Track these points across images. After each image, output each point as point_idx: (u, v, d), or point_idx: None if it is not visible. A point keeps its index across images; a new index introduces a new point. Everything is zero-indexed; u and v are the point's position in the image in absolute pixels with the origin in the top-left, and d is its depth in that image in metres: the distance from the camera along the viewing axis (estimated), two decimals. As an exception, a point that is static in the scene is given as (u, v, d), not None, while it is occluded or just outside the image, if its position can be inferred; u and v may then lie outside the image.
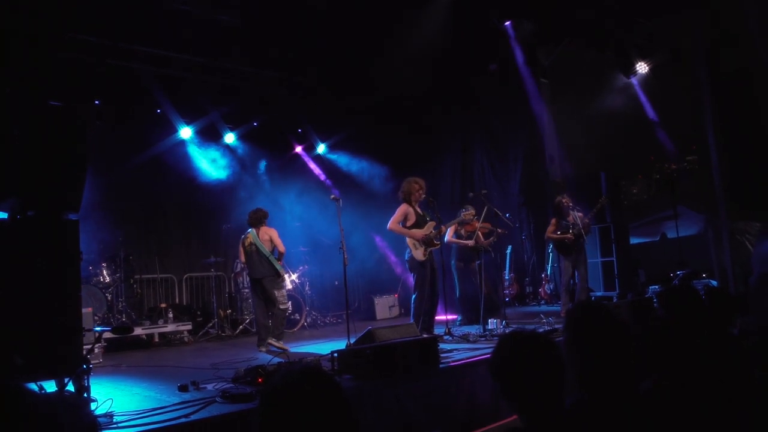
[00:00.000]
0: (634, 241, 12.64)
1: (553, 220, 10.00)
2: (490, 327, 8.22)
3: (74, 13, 8.53)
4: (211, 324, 10.57)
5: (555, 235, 9.89)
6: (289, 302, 9.02)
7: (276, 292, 8.35)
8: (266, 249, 8.42)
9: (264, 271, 8.39)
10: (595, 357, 2.46)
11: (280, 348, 8.00)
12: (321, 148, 13.82)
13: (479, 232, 9.49)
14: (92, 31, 9.31)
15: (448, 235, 9.52)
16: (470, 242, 9.54)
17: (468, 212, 9.00)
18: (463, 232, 9.67)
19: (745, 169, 10.49)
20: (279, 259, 8.50)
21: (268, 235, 8.54)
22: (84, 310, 6.63)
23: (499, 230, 9.74)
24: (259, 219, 8.62)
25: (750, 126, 10.55)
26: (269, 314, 8.48)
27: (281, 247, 8.56)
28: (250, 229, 8.66)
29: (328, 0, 9.25)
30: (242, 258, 8.76)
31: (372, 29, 10.15)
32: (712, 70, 10.76)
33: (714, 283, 10.43)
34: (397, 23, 10.03)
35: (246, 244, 8.57)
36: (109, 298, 9.49)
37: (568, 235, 9.72)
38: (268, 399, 1.61)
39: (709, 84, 10.73)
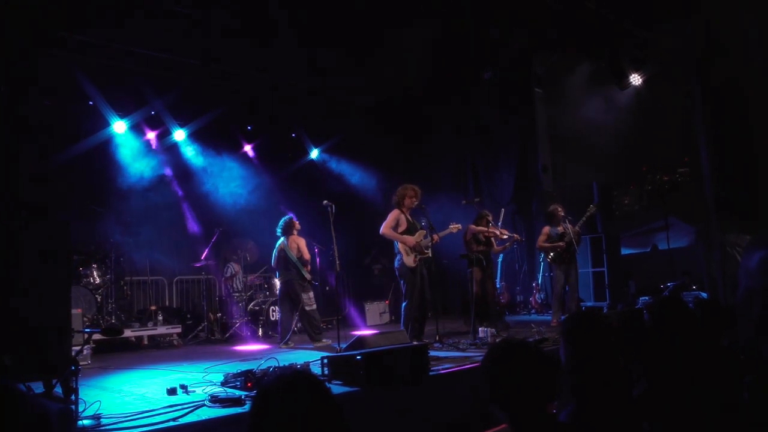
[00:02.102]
0: (625, 251, 12.68)
1: (545, 229, 10.07)
2: (480, 335, 8.22)
3: (70, 9, 8.51)
4: (200, 327, 10.54)
5: (546, 244, 9.96)
6: (315, 305, 9.43)
7: (303, 294, 9.17)
8: (294, 255, 9.27)
9: (290, 275, 9.29)
10: (591, 365, 2.48)
11: (323, 346, 8.64)
12: (314, 153, 13.83)
13: (492, 239, 9.50)
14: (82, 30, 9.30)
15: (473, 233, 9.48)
16: (505, 235, 9.53)
17: (486, 217, 9.17)
18: (481, 237, 9.51)
19: (737, 181, 10.53)
20: (305, 266, 9.29)
21: (296, 244, 9.43)
22: (73, 311, 6.60)
23: (516, 236, 9.71)
24: (288, 228, 9.50)
25: (742, 138, 10.60)
26: (296, 317, 9.25)
27: (306, 255, 9.37)
28: (282, 237, 9.49)
29: (322, 2, 9.24)
30: (274, 263, 9.66)
31: (366, 35, 10.15)
32: (704, 82, 10.82)
33: (704, 295, 10.47)
34: (391, 29, 10.04)
35: (278, 250, 9.47)
36: (98, 299, 9.45)
37: (560, 244, 9.81)
38: (261, 402, 1.61)
39: (700, 95, 10.79)
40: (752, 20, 10.11)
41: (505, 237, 9.67)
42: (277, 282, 11.36)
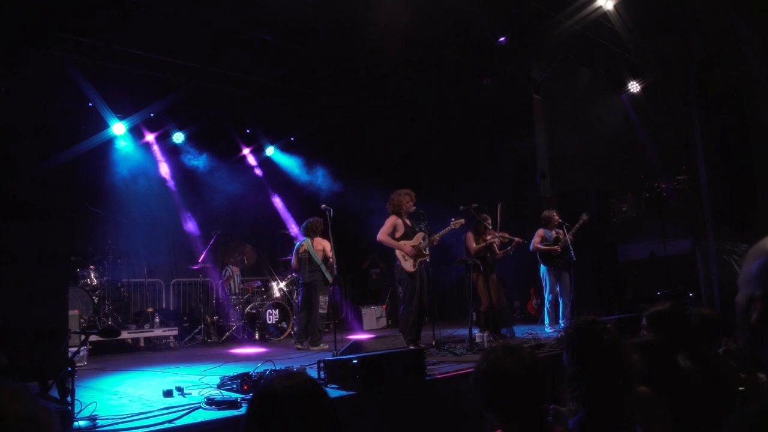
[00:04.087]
0: (622, 258, 12.68)
1: (540, 231, 10.07)
2: (477, 340, 8.22)
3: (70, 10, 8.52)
4: (197, 330, 10.52)
5: (542, 246, 9.95)
6: (327, 309, 9.44)
7: (320, 297, 9.03)
8: (318, 258, 9.12)
9: (313, 276, 9.14)
10: (598, 372, 2.49)
11: (320, 351, 8.44)
12: (312, 158, 13.87)
13: (494, 242, 9.34)
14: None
15: (471, 244, 9.22)
16: (506, 239, 9.41)
17: (485, 221, 9.08)
18: (482, 241, 9.30)
19: (734, 189, 10.57)
20: (328, 268, 9.09)
21: (321, 246, 9.26)
22: (70, 313, 6.60)
23: (517, 239, 9.50)
24: (313, 229, 9.33)
25: (739, 146, 10.65)
26: (309, 318, 9.06)
27: (329, 255, 9.05)
28: (304, 238, 9.37)
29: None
30: (295, 264, 9.51)
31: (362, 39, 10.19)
32: (702, 91, 10.86)
33: (701, 302, 10.48)
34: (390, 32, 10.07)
35: (300, 251, 9.35)
36: (95, 301, 9.45)
37: (556, 248, 9.83)
38: (258, 404, 1.62)
39: (698, 104, 10.82)
40: (750, 31, 10.17)
41: (507, 240, 9.58)
42: (275, 285, 11.40)
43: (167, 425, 4.07)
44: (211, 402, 4.54)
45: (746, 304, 1.38)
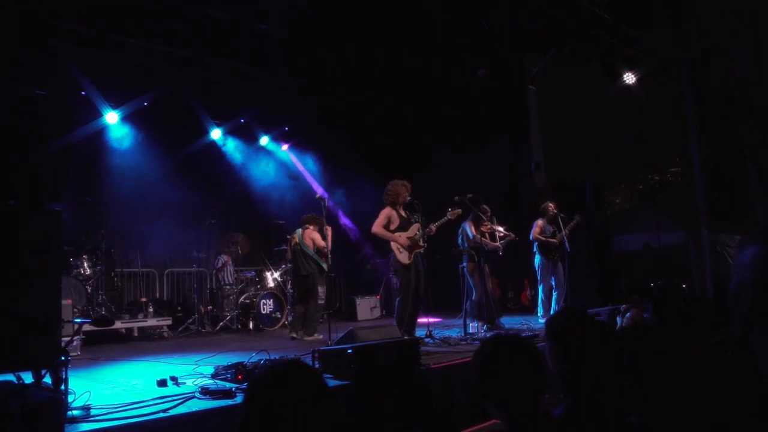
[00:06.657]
0: (616, 249, 12.71)
1: (539, 222, 10.14)
2: (471, 331, 8.24)
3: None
4: (191, 320, 10.51)
5: (541, 237, 10.03)
6: (324, 301, 9.52)
7: (319, 288, 9.28)
8: (310, 249, 9.27)
9: (310, 269, 9.30)
10: (579, 361, 2.48)
11: (314, 342, 8.45)
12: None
13: (487, 234, 9.45)
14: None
15: (471, 233, 9.29)
16: (497, 244, 9.49)
17: (486, 213, 9.14)
18: (479, 231, 9.38)
19: (728, 182, 10.60)
20: (322, 257, 9.20)
21: (310, 238, 9.39)
22: (63, 302, 6.57)
23: (512, 235, 9.57)
24: (307, 222, 9.51)
25: (733, 139, 10.67)
26: (304, 309, 9.14)
27: (320, 245, 9.20)
28: (297, 230, 9.51)
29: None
30: (289, 256, 9.77)
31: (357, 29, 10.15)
32: (697, 84, 10.87)
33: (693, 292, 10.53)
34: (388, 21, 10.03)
35: (292, 244, 9.53)
36: (89, 290, 9.40)
37: (553, 240, 9.90)
38: (254, 390, 1.61)
39: (693, 97, 10.84)
40: (744, 24, 10.17)
41: (501, 235, 9.63)
42: (269, 275, 11.40)
43: (161, 414, 4.06)
44: (206, 391, 4.54)
45: (738, 292, 1.38)
